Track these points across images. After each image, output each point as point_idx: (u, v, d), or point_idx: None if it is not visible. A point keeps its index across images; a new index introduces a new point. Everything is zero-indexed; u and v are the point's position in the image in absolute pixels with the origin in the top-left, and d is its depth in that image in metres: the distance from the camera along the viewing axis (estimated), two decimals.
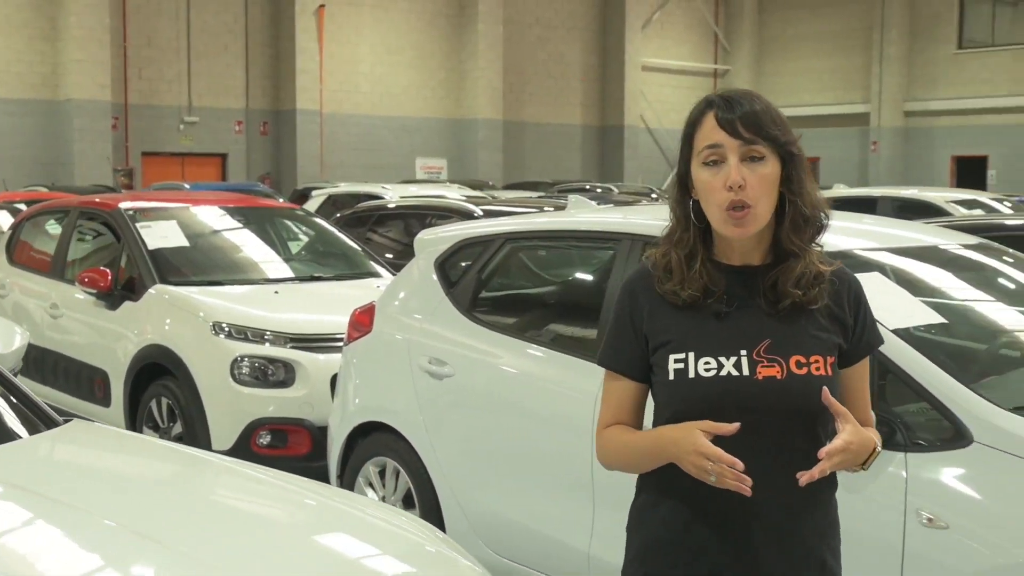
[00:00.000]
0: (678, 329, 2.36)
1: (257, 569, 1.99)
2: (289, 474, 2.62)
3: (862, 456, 2.34)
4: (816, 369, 2.34)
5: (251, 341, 6.35)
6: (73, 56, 23.58)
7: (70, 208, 8.12)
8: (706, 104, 2.35)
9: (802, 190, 2.34)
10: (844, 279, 2.43)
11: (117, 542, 1.90)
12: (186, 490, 2.29)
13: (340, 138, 28.70)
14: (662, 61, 35.85)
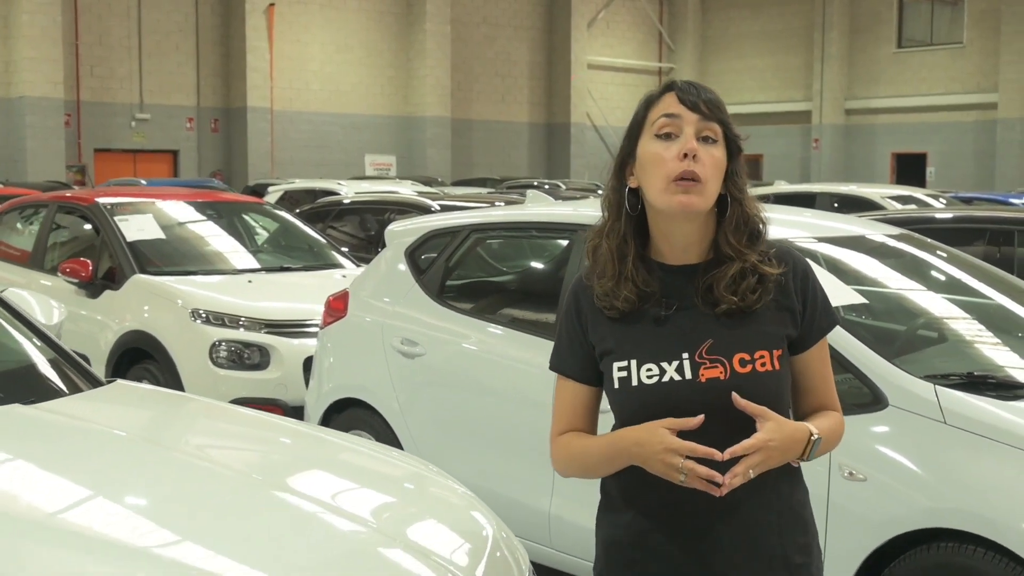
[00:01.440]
0: (619, 336, 2.29)
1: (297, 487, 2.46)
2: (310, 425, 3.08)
3: (792, 450, 2.22)
4: (761, 365, 2.25)
5: (228, 327, 6.77)
6: (25, 54, 23.62)
7: (48, 202, 8.47)
8: (667, 87, 2.31)
9: (744, 189, 2.30)
10: (791, 266, 2.31)
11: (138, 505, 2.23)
12: (222, 444, 2.70)
13: (290, 135, 28.87)
14: (607, 59, 36.17)
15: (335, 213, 12.01)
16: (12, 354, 3.02)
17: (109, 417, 2.82)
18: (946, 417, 3.75)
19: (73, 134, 25.32)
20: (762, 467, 2.16)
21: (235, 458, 2.67)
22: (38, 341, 3.03)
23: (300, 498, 2.39)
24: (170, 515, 2.17)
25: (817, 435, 2.24)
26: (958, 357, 4.43)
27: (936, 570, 3.70)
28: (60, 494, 2.26)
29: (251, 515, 2.30)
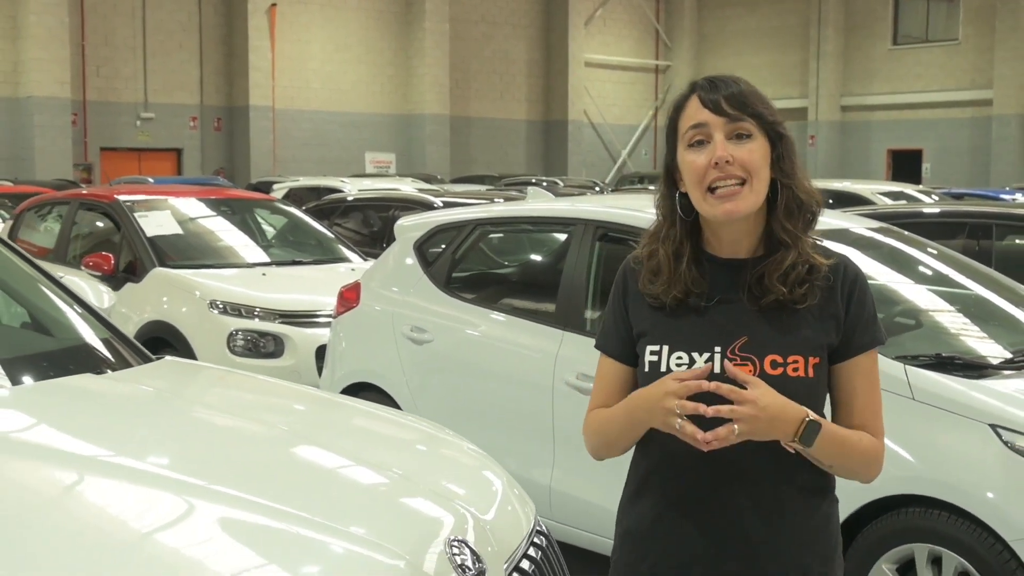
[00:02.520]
0: (657, 321, 2.26)
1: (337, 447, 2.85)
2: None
3: (782, 425, 2.11)
4: (794, 370, 2.17)
5: (244, 317, 7.15)
6: (33, 54, 23.93)
7: (69, 200, 8.84)
8: (690, 89, 2.25)
9: (794, 173, 2.21)
10: (842, 272, 2.23)
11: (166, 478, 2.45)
12: (265, 419, 3.06)
13: (291, 133, 29.13)
14: (604, 57, 36.32)
15: (340, 210, 12.35)
16: (75, 332, 3.40)
17: (163, 385, 3.22)
18: (914, 394, 4.09)
19: (80, 133, 25.63)
20: (748, 431, 2.06)
21: (270, 418, 3.05)
22: (96, 321, 3.41)
23: (330, 453, 2.77)
24: (219, 463, 2.54)
25: (813, 419, 2.11)
26: (931, 341, 4.74)
27: (905, 533, 4.04)
28: (130, 443, 2.65)
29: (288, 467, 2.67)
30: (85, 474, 2.40)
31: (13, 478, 2.34)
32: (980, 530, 3.86)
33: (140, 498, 2.30)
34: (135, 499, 2.30)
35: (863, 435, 2.22)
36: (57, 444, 2.58)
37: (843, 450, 2.18)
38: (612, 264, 5.29)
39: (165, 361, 3.39)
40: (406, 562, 2.14)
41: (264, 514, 2.23)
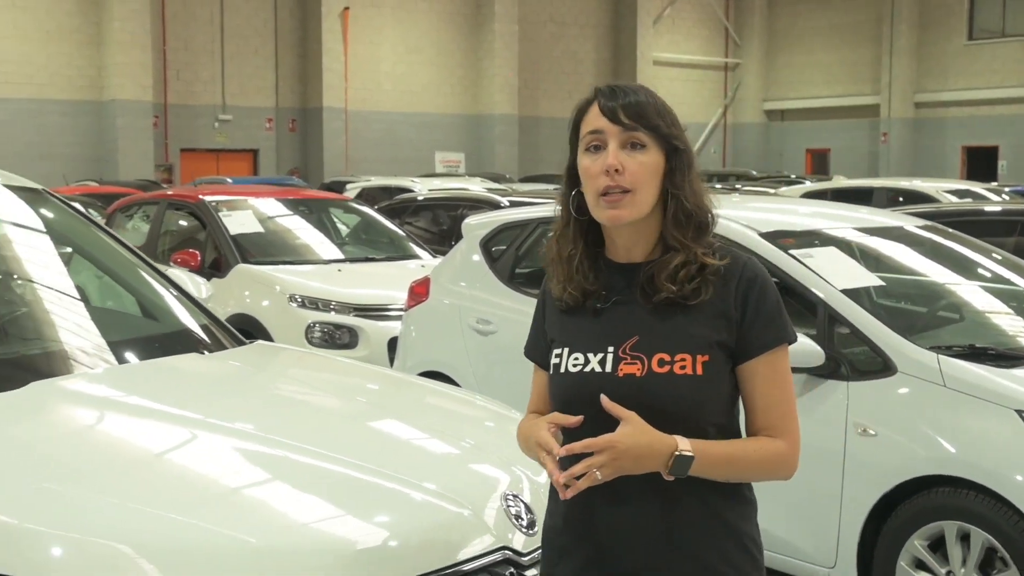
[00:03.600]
0: (562, 326, 2.31)
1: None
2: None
3: (649, 461, 2.09)
4: (681, 368, 2.17)
5: (321, 310, 7.61)
6: (117, 60, 24.68)
7: (158, 200, 9.37)
8: (592, 94, 2.28)
9: (684, 185, 2.23)
10: (736, 270, 2.24)
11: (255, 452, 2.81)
12: (341, 400, 3.48)
13: (363, 134, 29.59)
14: (673, 56, 36.27)
15: (411, 209, 12.77)
16: (178, 318, 3.84)
17: (255, 364, 3.67)
18: (946, 381, 4.35)
19: (160, 135, 26.35)
20: (610, 470, 2.06)
21: (352, 394, 3.46)
22: (196, 309, 3.84)
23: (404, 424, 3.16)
24: (306, 429, 2.95)
25: (683, 452, 2.09)
26: (969, 333, 4.98)
27: (936, 511, 4.30)
28: (225, 410, 3.07)
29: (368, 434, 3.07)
30: (185, 434, 2.82)
31: (122, 436, 2.79)
32: (1006, 508, 4.10)
33: (235, 455, 2.73)
34: (230, 455, 2.73)
35: (759, 442, 2.21)
36: (161, 411, 2.99)
37: (731, 467, 2.17)
38: None
39: (257, 344, 3.82)
40: (470, 511, 2.52)
41: (347, 468, 2.62)
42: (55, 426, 2.90)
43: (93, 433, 2.88)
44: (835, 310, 4.66)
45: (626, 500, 2.17)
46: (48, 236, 3.90)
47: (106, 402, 3.01)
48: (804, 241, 5.19)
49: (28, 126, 24.34)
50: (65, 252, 3.91)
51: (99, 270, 3.96)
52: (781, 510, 4.70)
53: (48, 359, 3.29)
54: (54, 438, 2.79)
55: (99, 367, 3.25)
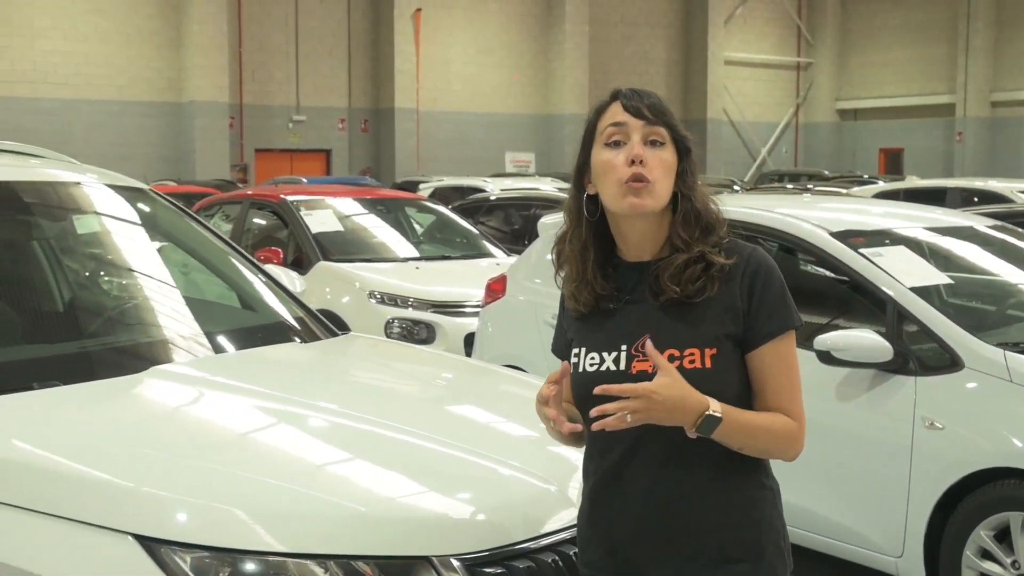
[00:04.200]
0: (579, 327, 2.39)
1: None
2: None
3: (681, 415, 2.18)
4: (690, 362, 2.25)
5: (400, 306, 7.86)
6: (195, 62, 25.25)
7: (241, 200, 9.69)
8: (612, 95, 2.38)
9: (695, 186, 2.35)
10: (743, 266, 2.32)
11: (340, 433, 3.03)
12: (426, 386, 3.70)
13: (434, 134, 29.90)
14: (745, 55, 36.19)
15: (484, 208, 13.00)
16: (276, 310, 4.08)
17: (347, 353, 3.94)
18: (1012, 376, 4.45)
19: (236, 135, 26.89)
20: (642, 416, 2.14)
21: (438, 380, 3.70)
22: (291, 301, 4.09)
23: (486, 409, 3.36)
24: (396, 411, 3.16)
25: (714, 413, 2.18)
26: None
27: (1002, 502, 4.40)
28: (319, 393, 3.32)
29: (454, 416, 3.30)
30: (287, 414, 3.06)
31: (230, 416, 3.02)
32: None
33: (335, 432, 2.96)
34: (330, 432, 2.96)
35: (777, 418, 2.28)
36: (263, 393, 3.22)
37: (752, 436, 2.25)
38: None
39: (348, 336, 4.06)
40: (555, 487, 2.70)
41: (438, 445, 2.84)
42: (170, 406, 3.15)
43: (204, 413, 3.14)
44: (904, 307, 4.78)
45: (649, 487, 2.27)
46: (154, 233, 4.16)
47: (214, 385, 3.25)
48: (874, 240, 5.30)
49: (110, 127, 24.97)
50: (169, 248, 4.18)
51: (202, 265, 4.22)
52: (850, 500, 4.84)
53: (156, 348, 3.54)
54: (171, 417, 3.05)
55: (204, 355, 3.49)
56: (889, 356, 4.64)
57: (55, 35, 24.47)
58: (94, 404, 3.02)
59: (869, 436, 4.77)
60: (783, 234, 5.40)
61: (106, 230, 4.13)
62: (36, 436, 2.73)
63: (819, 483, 4.92)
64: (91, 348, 3.49)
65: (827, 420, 4.86)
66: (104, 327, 3.72)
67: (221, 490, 2.50)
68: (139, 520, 2.36)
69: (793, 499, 4.97)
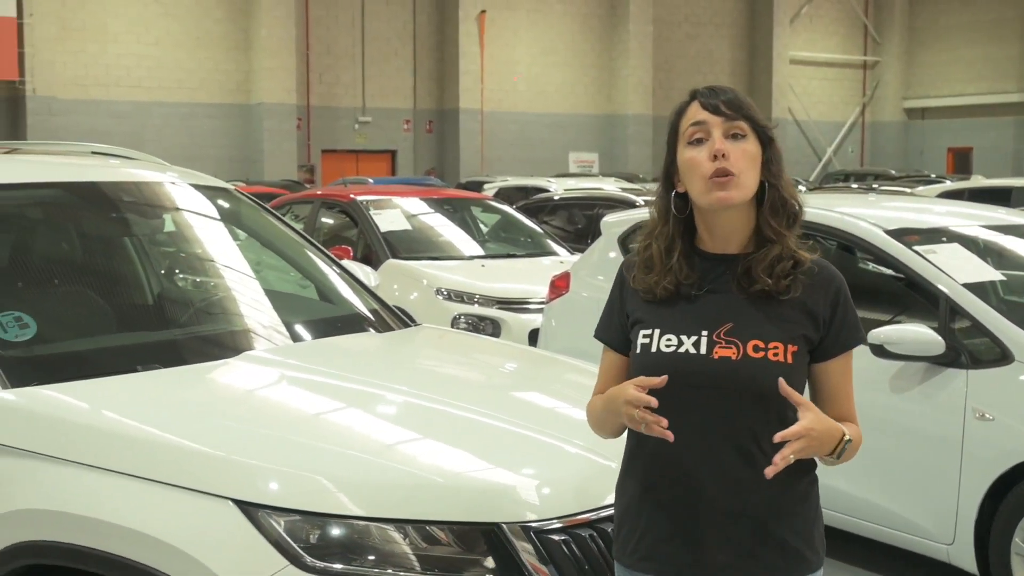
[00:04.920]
0: (651, 310, 2.42)
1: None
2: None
3: (828, 444, 2.29)
4: (774, 355, 2.32)
5: (466, 303, 8.11)
6: (263, 64, 25.71)
7: (312, 199, 10.00)
8: (691, 95, 2.45)
9: (780, 174, 2.41)
10: (826, 275, 2.41)
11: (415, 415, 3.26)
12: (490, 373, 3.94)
13: (498, 134, 30.13)
14: (810, 54, 35.98)
15: (548, 208, 13.20)
16: (352, 302, 4.34)
17: (419, 342, 4.20)
18: None
19: (303, 136, 27.32)
20: (802, 454, 2.24)
21: (506, 368, 3.94)
22: (367, 294, 4.35)
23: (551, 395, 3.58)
24: (467, 394, 3.41)
25: (849, 438, 2.31)
26: None
27: None
28: (394, 377, 3.55)
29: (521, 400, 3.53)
30: (365, 395, 3.31)
31: (313, 396, 3.29)
32: None
33: (410, 412, 3.21)
34: (405, 412, 3.21)
35: (856, 427, 2.40)
36: (342, 375, 3.49)
37: (854, 450, 2.36)
38: None
39: (419, 327, 4.31)
40: (615, 464, 2.91)
41: (508, 424, 3.07)
42: (258, 387, 3.41)
43: (289, 393, 3.41)
44: (956, 303, 4.92)
45: (708, 480, 2.33)
46: (237, 229, 4.43)
47: (297, 369, 3.51)
48: (929, 238, 5.43)
49: (180, 129, 25.49)
50: (252, 243, 4.46)
51: (282, 260, 4.49)
52: (902, 489, 4.98)
53: (243, 336, 3.80)
54: (259, 397, 3.34)
55: (286, 343, 3.75)
56: (941, 350, 4.78)
57: (128, 39, 25.03)
58: (190, 385, 3.30)
59: (921, 427, 4.91)
60: (840, 232, 5.56)
61: (193, 227, 4.41)
62: (144, 412, 3.00)
63: (872, 472, 5.07)
64: (183, 336, 3.76)
65: (881, 412, 5.01)
66: (193, 318, 3.99)
67: (307, 461, 2.74)
68: (238, 486, 2.60)
69: (846, 487, 5.16)
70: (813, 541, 2.41)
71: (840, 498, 5.23)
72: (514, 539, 2.65)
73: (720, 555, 2.34)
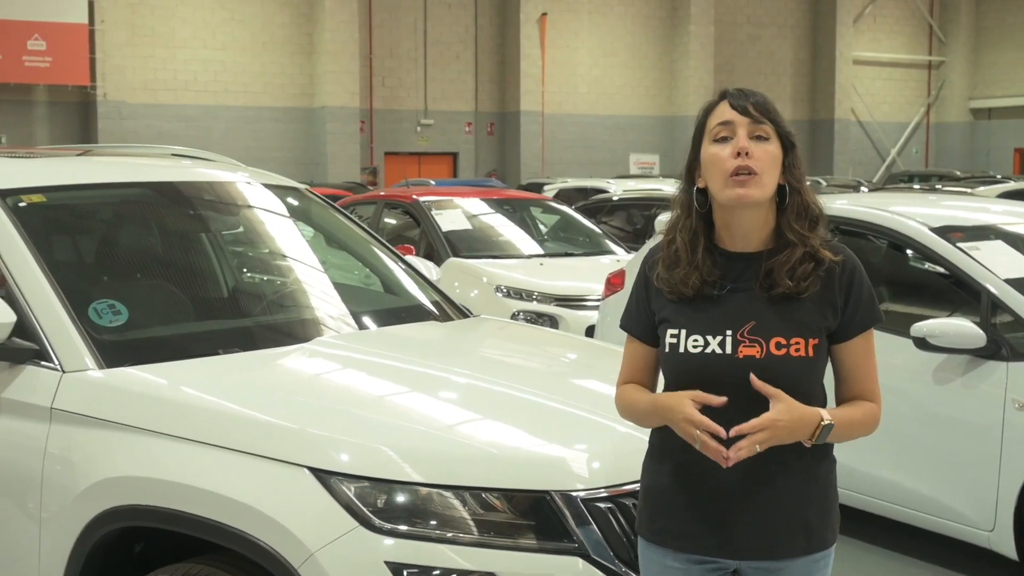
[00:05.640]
0: (676, 308, 2.54)
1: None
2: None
3: (801, 431, 2.41)
4: (796, 350, 2.44)
5: (524, 300, 8.36)
6: (327, 68, 26.03)
7: (376, 200, 10.32)
8: (720, 95, 2.55)
9: (803, 179, 2.52)
10: (840, 265, 2.51)
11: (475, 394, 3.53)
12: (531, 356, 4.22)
13: (559, 136, 30.21)
14: (874, 54, 35.61)
15: (606, 208, 13.42)
16: (415, 294, 4.62)
17: (479, 331, 4.47)
18: None
19: (366, 139, 27.61)
20: (768, 443, 2.37)
21: (560, 357, 4.17)
22: (432, 288, 4.63)
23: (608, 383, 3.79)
24: (520, 377, 3.69)
25: (828, 421, 2.42)
26: None
27: None
28: (454, 361, 3.88)
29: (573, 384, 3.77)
30: (427, 376, 3.60)
31: (379, 377, 3.60)
32: None
33: (468, 392, 3.48)
34: (464, 392, 3.49)
35: (863, 406, 2.54)
36: (406, 359, 3.78)
37: (851, 430, 2.51)
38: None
39: (479, 317, 4.57)
40: None
41: (563, 405, 3.31)
42: (327, 370, 3.69)
43: (355, 375, 3.69)
44: (997, 297, 5.08)
45: (736, 469, 2.43)
46: (307, 226, 4.72)
47: (364, 353, 3.80)
48: (974, 235, 5.59)
49: (245, 132, 25.93)
50: (322, 239, 4.75)
51: (350, 255, 4.79)
52: (944, 478, 5.15)
53: (314, 324, 4.08)
54: (328, 377, 3.62)
55: (354, 331, 4.03)
56: (983, 343, 4.95)
57: (195, 44, 25.54)
58: (267, 367, 3.59)
59: (962, 417, 5.08)
60: (888, 230, 5.74)
61: (266, 224, 4.71)
62: (226, 389, 3.30)
63: (915, 460, 5.25)
64: (259, 324, 4.06)
65: (923, 402, 5.19)
66: (268, 307, 4.29)
67: (375, 434, 3.02)
68: (313, 456, 2.88)
69: (888, 475, 5.35)
70: (831, 520, 2.57)
71: (883, 486, 5.41)
72: (563, 506, 2.88)
73: (746, 538, 2.50)
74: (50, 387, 3.29)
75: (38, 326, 3.39)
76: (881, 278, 6.14)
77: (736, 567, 2.55)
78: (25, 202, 3.78)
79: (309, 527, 2.78)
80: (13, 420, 3.33)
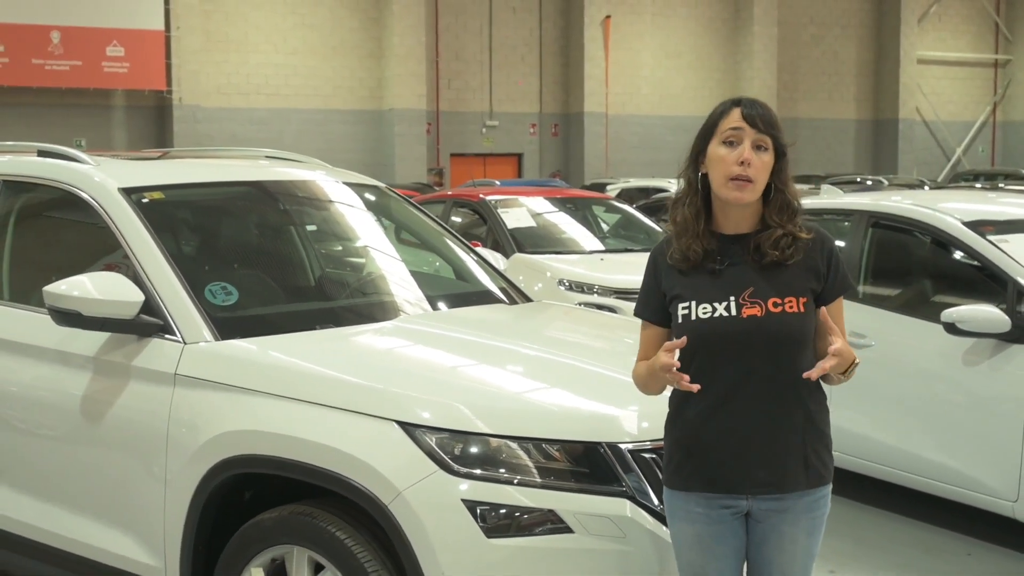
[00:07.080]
0: (684, 284, 2.97)
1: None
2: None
3: (845, 364, 2.91)
4: (790, 308, 2.89)
5: (586, 292, 8.83)
6: (395, 71, 26.58)
7: (444, 199, 10.86)
8: (733, 103, 2.97)
9: (787, 182, 2.97)
10: (820, 239, 2.99)
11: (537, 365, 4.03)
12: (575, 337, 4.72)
13: (623, 137, 30.51)
14: (939, 54, 35.49)
15: (666, 207, 13.82)
16: (483, 281, 5.14)
17: (545, 313, 5.00)
18: None
19: (432, 141, 28.13)
20: (835, 369, 2.86)
21: (616, 336, 4.61)
22: (500, 276, 5.19)
23: None
24: (579, 351, 4.25)
25: (859, 361, 2.96)
26: None
27: None
28: (518, 337, 4.41)
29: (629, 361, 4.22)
30: (497, 349, 4.16)
31: (454, 348, 4.16)
32: None
33: (533, 362, 4.01)
34: (530, 361, 4.02)
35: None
36: (478, 334, 4.34)
37: (854, 371, 2.99)
38: (882, 246, 6.51)
39: (544, 302, 5.09)
40: None
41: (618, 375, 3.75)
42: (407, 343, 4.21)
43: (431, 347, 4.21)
44: (1022, 285, 5.47)
45: (749, 412, 2.90)
46: (387, 220, 5.26)
47: (439, 328, 4.36)
48: (1005, 228, 5.97)
49: (315, 135, 26.53)
50: (399, 231, 5.29)
51: (425, 246, 5.32)
52: (971, 452, 5.55)
53: (394, 306, 4.60)
54: (408, 349, 4.15)
55: (430, 311, 4.57)
56: (1008, 328, 5.34)
57: (267, 49, 26.20)
58: (355, 339, 4.13)
59: (989, 396, 5.48)
60: (924, 224, 6.14)
61: (349, 218, 5.24)
62: (323, 357, 3.84)
63: (944, 436, 5.66)
64: (347, 305, 4.59)
65: (953, 383, 5.60)
66: (353, 291, 4.83)
67: (451, 393, 3.55)
68: (399, 411, 3.40)
69: (918, 450, 5.75)
70: (827, 460, 3.01)
71: (912, 460, 5.82)
72: (612, 456, 3.37)
73: (761, 472, 2.93)
74: (173, 356, 3.85)
75: (162, 304, 3.96)
76: (919, 269, 6.54)
77: (748, 508, 2.98)
78: (147, 198, 4.36)
79: (398, 471, 3.29)
80: (142, 384, 3.90)
